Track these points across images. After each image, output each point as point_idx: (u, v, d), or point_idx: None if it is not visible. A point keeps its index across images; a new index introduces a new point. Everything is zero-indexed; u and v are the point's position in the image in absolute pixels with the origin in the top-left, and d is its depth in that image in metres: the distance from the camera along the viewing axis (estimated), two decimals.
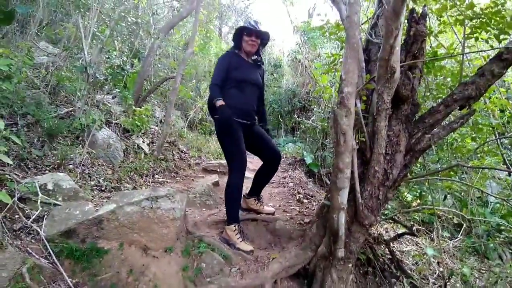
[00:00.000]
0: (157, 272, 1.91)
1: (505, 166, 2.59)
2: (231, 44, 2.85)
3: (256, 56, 2.80)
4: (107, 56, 3.94)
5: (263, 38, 2.77)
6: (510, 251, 3.12)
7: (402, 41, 2.08)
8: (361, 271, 2.72)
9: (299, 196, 4.01)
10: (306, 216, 3.18)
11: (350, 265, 2.14)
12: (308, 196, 4.09)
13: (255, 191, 2.98)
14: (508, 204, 2.54)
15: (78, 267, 1.81)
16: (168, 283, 1.88)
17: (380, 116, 1.98)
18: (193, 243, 2.24)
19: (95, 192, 2.97)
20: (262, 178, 2.94)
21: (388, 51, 1.76)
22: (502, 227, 3.11)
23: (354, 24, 1.92)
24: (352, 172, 1.97)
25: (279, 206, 3.50)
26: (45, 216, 2.02)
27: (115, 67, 4.27)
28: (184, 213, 2.29)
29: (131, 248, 1.98)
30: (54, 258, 1.78)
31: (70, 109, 3.77)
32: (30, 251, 1.79)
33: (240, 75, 2.62)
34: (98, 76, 3.85)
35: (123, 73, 4.38)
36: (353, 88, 1.84)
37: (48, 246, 1.82)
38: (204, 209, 3.22)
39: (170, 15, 6.50)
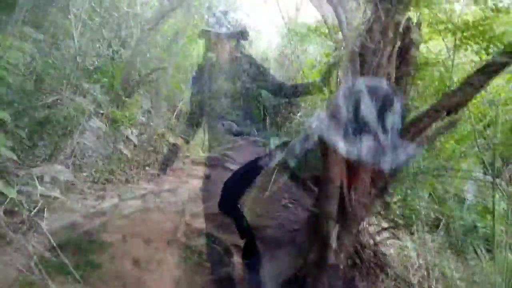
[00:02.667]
0: (160, 263, 1.97)
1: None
2: None
3: (235, 54, 2.22)
4: (98, 46, 3.86)
5: (238, 37, 2.15)
6: (486, 246, 3.36)
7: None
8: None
9: (285, 202, 4.04)
10: (294, 222, 3.22)
11: (340, 270, 2.25)
12: (293, 201, 4.12)
13: None
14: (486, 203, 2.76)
15: (82, 259, 1.83)
16: (171, 273, 1.95)
17: None
18: (193, 235, 2.31)
19: (88, 184, 2.95)
20: None
21: (387, 58, 1.87)
22: (479, 224, 3.35)
23: (354, 30, 2.02)
24: (341, 181, 2.04)
25: (267, 212, 3.53)
26: (45, 209, 2.02)
27: (104, 56, 4.18)
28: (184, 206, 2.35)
29: (134, 241, 2.02)
30: (59, 251, 1.79)
31: (56, 97, 3.68)
32: (34, 245, 1.79)
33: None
34: (86, 65, 3.77)
35: (111, 62, 4.30)
36: None
37: (52, 240, 1.83)
38: (198, 201, 3.26)
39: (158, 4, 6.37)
